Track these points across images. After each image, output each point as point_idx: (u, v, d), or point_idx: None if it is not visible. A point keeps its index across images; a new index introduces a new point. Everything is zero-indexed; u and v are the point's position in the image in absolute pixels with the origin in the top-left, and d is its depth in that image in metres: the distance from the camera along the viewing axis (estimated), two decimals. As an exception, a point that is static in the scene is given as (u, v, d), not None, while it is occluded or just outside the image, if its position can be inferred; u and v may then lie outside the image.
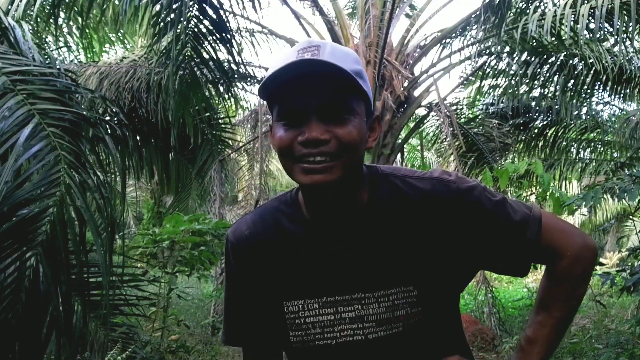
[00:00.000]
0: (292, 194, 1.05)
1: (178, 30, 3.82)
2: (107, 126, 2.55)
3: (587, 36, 5.10)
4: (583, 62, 5.94)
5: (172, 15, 3.86)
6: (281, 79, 0.88)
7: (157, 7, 4.00)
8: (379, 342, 0.98)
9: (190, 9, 3.97)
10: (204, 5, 4.00)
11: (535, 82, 6.64)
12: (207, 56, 4.32)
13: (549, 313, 1.00)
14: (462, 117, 8.47)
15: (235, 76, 4.76)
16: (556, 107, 7.16)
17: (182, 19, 3.76)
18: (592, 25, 4.49)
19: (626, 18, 4.62)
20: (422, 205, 0.97)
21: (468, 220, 0.96)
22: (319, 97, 0.88)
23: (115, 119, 3.69)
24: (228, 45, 4.28)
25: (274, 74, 0.88)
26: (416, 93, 7.45)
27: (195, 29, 4.15)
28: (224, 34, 4.24)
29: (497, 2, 4.64)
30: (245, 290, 1.05)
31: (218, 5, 4.07)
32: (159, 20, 4.02)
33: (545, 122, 8.12)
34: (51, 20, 4.73)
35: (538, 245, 0.98)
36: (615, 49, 5.98)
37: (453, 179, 0.98)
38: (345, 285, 0.98)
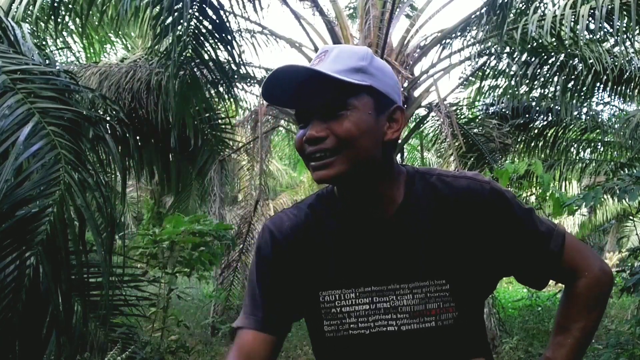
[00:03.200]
0: (328, 189, 1.08)
1: (179, 32, 3.82)
2: (108, 125, 2.55)
3: (587, 37, 5.10)
4: (583, 62, 5.94)
5: (172, 17, 3.86)
6: (280, 89, 0.96)
7: (158, 8, 3.99)
8: (411, 335, 0.99)
9: (191, 10, 3.97)
10: (205, 6, 4.00)
11: (535, 82, 6.64)
12: (207, 57, 4.32)
13: (566, 334, 1.02)
14: (462, 117, 8.46)
15: (236, 77, 4.76)
16: (556, 107, 7.17)
17: (182, 21, 3.76)
18: (592, 26, 4.50)
19: (626, 19, 4.62)
20: (456, 202, 1.00)
21: (498, 222, 1.00)
22: (317, 98, 0.95)
23: (116, 118, 3.69)
24: (228, 46, 4.28)
25: (268, 83, 0.94)
26: (416, 93, 7.45)
27: (196, 30, 4.15)
28: (224, 35, 4.24)
29: (499, 2, 4.64)
30: (276, 280, 1.06)
31: (218, 6, 4.07)
32: (159, 22, 4.02)
33: (545, 123, 8.12)
34: (51, 21, 4.73)
35: (559, 259, 1.02)
36: (616, 49, 5.98)
37: (487, 180, 1.02)
38: (381, 276, 1.00)
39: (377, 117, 0.96)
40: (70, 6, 4.56)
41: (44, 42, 5.26)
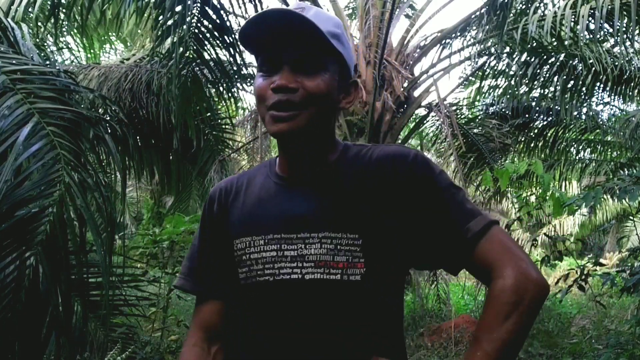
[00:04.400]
0: (271, 159, 1.13)
1: (181, 33, 3.82)
2: (108, 125, 2.55)
3: (587, 37, 5.10)
4: (583, 62, 5.94)
5: (173, 19, 3.86)
6: (262, 28, 0.95)
7: (161, 9, 3.99)
8: (315, 285, 0.97)
9: (192, 11, 3.96)
10: (206, 7, 4.00)
11: (535, 82, 6.64)
12: (208, 57, 4.31)
13: (476, 345, 0.88)
14: (462, 117, 8.47)
15: (236, 77, 4.75)
16: (556, 107, 7.16)
17: (185, 21, 3.76)
18: (592, 26, 4.49)
19: (626, 19, 4.62)
20: (380, 164, 1.02)
21: (417, 187, 0.98)
22: (294, 49, 0.96)
23: (116, 118, 3.69)
24: (230, 48, 4.28)
25: (253, 20, 0.95)
26: (416, 93, 7.44)
27: (196, 30, 4.15)
28: (225, 36, 4.24)
29: (499, 2, 4.64)
30: (209, 237, 1.13)
31: (219, 7, 4.07)
32: (160, 24, 4.02)
33: (545, 123, 8.12)
34: (51, 21, 4.72)
35: (473, 245, 0.94)
36: (616, 49, 5.97)
37: (416, 151, 1.03)
38: (293, 225, 1.01)
39: (339, 85, 1.01)
40: (70, 6, 4.55)
41: (44, 42, 5.26)
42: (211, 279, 1.10)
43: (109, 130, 2.50)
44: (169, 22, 3.93)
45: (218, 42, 4.28)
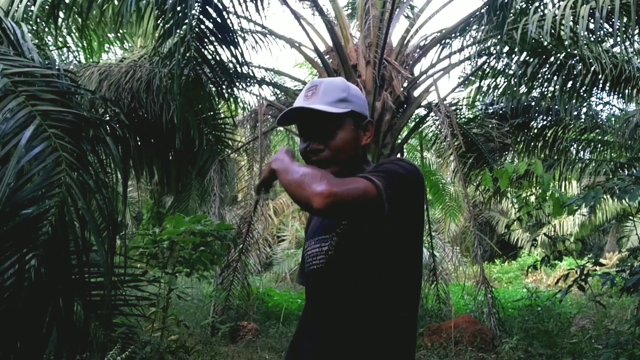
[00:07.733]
0: None
1: (183, 33, 3.82)
2: (108, 127, 2.55)
3: (587, 37, 5.10)
4: (582, 62, 5.94)
5: (175, 19, 3.87)
6: (290, 116, 1.41)
7: (162, 8, 3.99)
8: (325, 268, 1.38)
9: (193, 11, 3.97)
10: (208, 7, 4.00)
11: (535, 82, 6.64)
12: (210, 57, 4.32)
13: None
14: (461, 117, 8.48)
15: (236, 77, 4.75)
16: (556, 107, 7.17)
17: (186, 21, 3.77)
18: (591, 26, 4.50)
19: (626, 19, 4.62)
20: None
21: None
22: (318, 122, 1.36)
23: (116, 119, 3.69)
24: (231, 46, 4.28)
25: (285, 113, 1.38)
26: (416, 93, 7.45)
27: (197, 29, 4.15)
28: (226, 35, 4.24)
29: (499, 2, 4.64)
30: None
31: (221, 7, 4.08)
32: (161, 24, 4.02)
33: (544, 123, 8.13)
34: (51, 20, 4.72)
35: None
36: (616, 49, 5.98)
37: (399, 158, 1.39)
38: (327, 229, 1.40)
39: (357, 131, 1.40)
40: (70, 4, 4.54)
41: (44, 42, 5.25)
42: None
43: (109, 132, 2.50)
44: (171, 22, 3.93)
45: (219, 41, 4.29)
